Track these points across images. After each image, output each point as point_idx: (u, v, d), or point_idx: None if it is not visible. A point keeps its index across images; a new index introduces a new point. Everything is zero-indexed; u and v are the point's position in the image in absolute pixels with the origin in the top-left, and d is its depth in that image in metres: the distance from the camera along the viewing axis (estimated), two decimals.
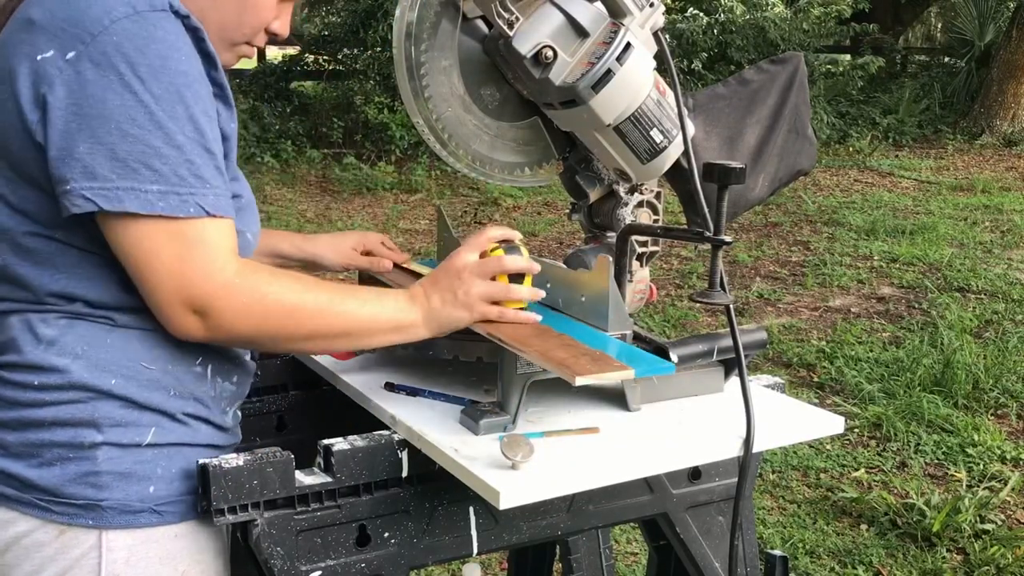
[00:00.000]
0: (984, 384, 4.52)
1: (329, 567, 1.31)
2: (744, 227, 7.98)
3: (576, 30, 1.52)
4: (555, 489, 1.27)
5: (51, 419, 1.21)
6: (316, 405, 1.76)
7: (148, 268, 1.18)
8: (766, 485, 3.67)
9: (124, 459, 1.23)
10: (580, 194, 1.71)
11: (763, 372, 2.55)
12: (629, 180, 1.64)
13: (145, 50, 1.15)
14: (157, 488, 1.25)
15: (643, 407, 1.48)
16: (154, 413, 1.25)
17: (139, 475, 1.23)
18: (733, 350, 1.48)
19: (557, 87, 1.51)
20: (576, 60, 1.51)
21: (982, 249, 7.29)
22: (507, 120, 1.68)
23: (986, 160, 11.72)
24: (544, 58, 1.51)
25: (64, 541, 1.22)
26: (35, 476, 1.21)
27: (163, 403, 1.26)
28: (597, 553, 2.07)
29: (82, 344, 1.22)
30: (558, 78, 1.51)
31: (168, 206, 1.16)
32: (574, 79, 1.49)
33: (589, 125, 1.55)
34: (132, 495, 1.23)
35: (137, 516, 1.23)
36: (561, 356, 1.29)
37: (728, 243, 1.38)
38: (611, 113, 1.52)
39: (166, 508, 1.25)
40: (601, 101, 1.50)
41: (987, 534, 3.30)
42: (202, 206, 1.18)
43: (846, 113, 13.07)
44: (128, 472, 1.23)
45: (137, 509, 1.23)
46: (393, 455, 1.34)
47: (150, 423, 1.25)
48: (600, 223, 1.74)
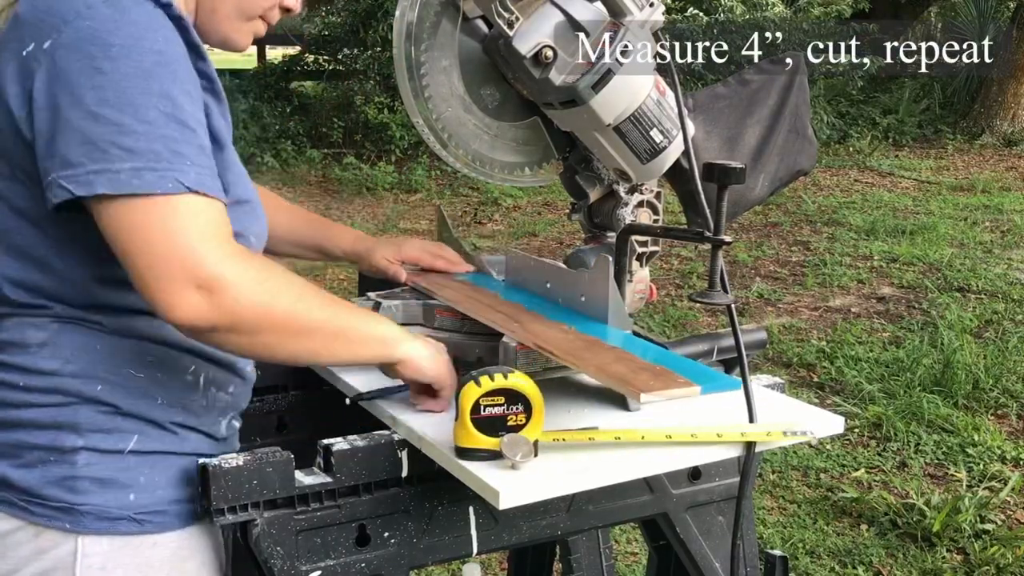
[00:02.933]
0: (984, 384, 4.52)
1: (329, 567, 1.31)
2: (744, 227, 7.98)
3: (576, 30, 1.52)
4: (555, 489, 1.26)
5: (33, 421, 1.21)
6: (316, 405, 1.76)
7: (137, 250, 1.12)
8: (766, 485, 3.67)
9: (104, 465, 1.22)
10: (580, 194, 1.71)
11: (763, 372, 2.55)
12: (629, 180, 1.64)
13: (117, 32, 1.12)
14: (138, 496, 1.24)
15: (643, 407, 1.48)
16: (139, 421, 1.24)
17: (119, 482, 1.23)
18: (733, 350, 1.48)
19: (557, 87, 1.51)
20: (576, 60, 1.51)
21: (982, 249, 7.29)
22: (507, 120, 1.68)
23: (986, 160, 11.72)
24: (544, 58, 1.51)
25: (40, 543, 1.21)
26: (16, 476, 1.21)
27: (149, 411, 1.25)
28: (597, 553, 2.07)
29: (71, 349, 1.22)
30: (558, 78, 1.51)
31: (144, 183, 1.10)
32: (574, 79, 1.49)
33: (589, 125, 1.55)
34: (111, 501, 1.22)
35: (115, 523, 1.22)
36: (620, 371, 1.26)
37: (728, 243, 1.38)
38: (611, 113, 1.52)
39: (146, 517, 1.24)
40: (601, 101, 1.49)
41: (987, 534, 3.30)
42: (181, 181, 1.12)
43: (846, 113, 13.07)
44: (108, 479, 1.22)
45: (115, 516, 1.22)
46: (393, 455, 1.34)
47: (133, 430, 1.24)
48: (600, 223, 1.74)
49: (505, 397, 1.24)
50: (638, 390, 1.20)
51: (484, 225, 8.09)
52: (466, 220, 8.17)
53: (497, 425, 1.24)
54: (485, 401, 1.23)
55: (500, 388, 1.24)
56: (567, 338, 1.41)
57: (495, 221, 8.25)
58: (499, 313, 1.54)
